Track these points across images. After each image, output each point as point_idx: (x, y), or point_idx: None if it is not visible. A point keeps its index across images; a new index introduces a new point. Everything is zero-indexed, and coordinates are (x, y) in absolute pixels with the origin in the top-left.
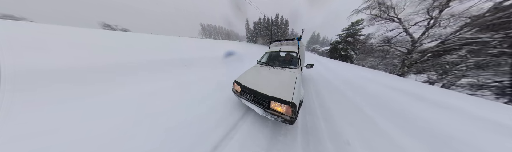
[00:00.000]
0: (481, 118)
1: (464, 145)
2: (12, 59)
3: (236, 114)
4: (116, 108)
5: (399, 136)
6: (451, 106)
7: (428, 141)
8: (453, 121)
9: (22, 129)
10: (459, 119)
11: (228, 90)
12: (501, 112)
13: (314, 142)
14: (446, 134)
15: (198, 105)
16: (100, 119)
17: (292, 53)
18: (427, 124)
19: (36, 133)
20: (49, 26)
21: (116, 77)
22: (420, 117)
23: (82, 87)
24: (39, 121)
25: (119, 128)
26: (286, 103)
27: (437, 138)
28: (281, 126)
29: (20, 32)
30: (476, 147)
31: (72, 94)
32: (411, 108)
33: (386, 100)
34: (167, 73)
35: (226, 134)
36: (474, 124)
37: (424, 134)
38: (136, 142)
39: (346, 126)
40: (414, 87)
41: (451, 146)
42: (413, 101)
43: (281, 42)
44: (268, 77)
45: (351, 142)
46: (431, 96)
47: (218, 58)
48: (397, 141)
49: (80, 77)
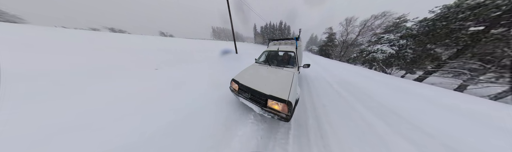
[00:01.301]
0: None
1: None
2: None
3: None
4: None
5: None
6: (367, 76)
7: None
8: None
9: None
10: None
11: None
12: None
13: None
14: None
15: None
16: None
17: (290, 53)
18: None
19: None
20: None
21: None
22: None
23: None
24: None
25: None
26: (282, 101)
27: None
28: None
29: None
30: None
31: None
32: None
33: (345, 77)
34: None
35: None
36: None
37: (373, 104)
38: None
39: (323, 98)
40: (352, 67)
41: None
42: (355, 73)
43: (280, 41)
44: (266, 75)
45: (326, 105)
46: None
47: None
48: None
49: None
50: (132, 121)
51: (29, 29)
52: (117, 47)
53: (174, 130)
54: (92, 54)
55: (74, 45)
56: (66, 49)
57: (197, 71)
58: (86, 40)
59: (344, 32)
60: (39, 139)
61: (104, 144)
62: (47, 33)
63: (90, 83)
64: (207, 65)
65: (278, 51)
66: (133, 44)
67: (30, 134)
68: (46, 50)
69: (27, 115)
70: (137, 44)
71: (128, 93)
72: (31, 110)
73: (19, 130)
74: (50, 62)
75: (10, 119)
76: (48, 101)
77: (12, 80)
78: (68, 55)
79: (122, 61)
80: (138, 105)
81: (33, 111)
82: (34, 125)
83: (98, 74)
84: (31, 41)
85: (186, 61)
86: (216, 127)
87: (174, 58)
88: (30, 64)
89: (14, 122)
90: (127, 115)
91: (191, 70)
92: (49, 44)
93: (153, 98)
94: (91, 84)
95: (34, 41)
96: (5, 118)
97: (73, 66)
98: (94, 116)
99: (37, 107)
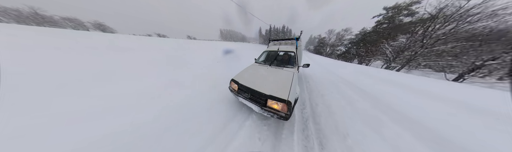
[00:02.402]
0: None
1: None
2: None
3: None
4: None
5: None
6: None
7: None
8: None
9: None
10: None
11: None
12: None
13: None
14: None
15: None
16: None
17: (290, 53)
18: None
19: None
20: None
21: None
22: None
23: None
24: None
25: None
26: (282, 101)
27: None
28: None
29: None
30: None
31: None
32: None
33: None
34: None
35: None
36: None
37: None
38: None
39: (319, 82)
40: (330, 59)
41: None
42: (328, 61)
43: (280, 41)
44: (266, 75)
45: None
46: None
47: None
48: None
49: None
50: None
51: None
52: (208, 48)
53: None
54: (208, 53)
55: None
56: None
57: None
58: (198, 44)
59: (327, 38)
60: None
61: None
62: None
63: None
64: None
65: (278, 51)
66: (207, 46)
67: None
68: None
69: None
70: (208, 46)
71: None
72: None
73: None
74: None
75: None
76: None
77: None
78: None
79: (214, 55)
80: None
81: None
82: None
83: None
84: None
85: (238, 57)
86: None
87: (227, 55)
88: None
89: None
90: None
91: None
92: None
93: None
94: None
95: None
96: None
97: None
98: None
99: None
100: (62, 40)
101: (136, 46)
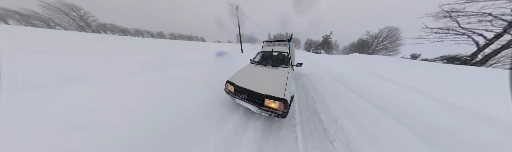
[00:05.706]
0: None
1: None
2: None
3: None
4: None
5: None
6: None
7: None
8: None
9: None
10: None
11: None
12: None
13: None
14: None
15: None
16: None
17: (283, 53)
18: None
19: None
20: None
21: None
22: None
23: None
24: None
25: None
26: (279, 100)
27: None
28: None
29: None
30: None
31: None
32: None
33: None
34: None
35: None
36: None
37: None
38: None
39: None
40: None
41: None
42: (324, 58)
43: (274, 42)
44: (262, 76)
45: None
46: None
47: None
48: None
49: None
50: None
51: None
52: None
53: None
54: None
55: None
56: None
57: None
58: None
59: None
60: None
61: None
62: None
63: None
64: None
65: (273, 52)
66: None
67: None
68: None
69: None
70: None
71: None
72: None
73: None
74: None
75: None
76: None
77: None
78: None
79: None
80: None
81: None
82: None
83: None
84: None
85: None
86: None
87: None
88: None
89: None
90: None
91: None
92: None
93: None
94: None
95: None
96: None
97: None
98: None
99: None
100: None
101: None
